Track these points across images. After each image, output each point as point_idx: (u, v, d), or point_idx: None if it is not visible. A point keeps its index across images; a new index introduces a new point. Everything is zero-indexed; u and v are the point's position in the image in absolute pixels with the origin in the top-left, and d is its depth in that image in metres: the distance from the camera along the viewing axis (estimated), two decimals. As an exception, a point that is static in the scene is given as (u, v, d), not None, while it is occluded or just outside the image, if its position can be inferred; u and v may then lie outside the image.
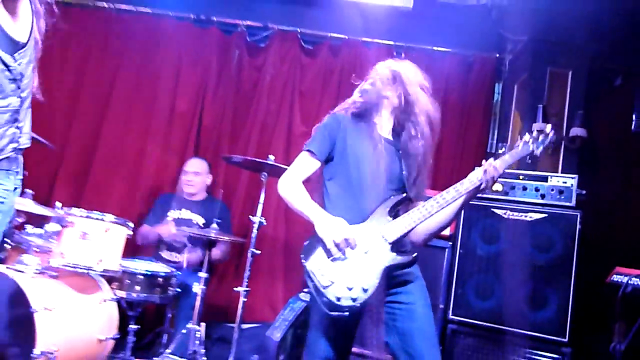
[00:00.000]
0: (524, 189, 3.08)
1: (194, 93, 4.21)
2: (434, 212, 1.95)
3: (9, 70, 1.51)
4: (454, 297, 3.11)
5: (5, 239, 3.00)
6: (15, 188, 1.68)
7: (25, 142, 1.66)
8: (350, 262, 1.88)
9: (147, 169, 4.09)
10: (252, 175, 3.80)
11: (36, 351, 2.38)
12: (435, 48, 4.09)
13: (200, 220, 3.68)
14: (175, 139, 4.14)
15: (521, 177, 3.10)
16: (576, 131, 3.29)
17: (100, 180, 4.07)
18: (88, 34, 4.30)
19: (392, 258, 1.91)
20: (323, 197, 2.10)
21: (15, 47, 1.52)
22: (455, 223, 3.23)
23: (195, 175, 3.74)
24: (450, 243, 3.23)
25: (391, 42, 4.12)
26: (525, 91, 3.64)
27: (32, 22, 1.59)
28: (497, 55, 3.97)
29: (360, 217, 1.97)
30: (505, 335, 2.89)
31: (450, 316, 3.09)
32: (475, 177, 1.99)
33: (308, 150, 2.07)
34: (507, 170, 2.88)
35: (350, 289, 1.85)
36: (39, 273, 2.69)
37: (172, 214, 3.68)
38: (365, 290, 1.85)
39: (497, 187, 3.14)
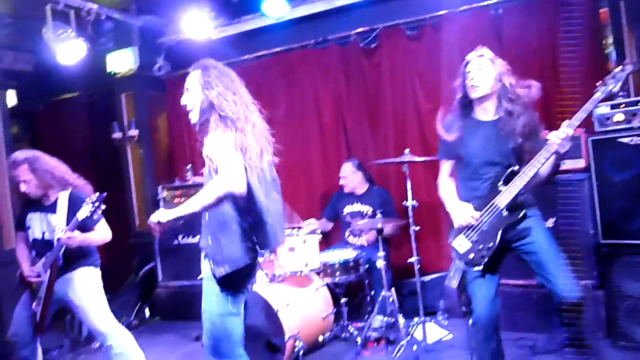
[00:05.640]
0: (644, 112, 3.00)
1: (333, 104, 4.75)
2: (528, 179, 2.30)
3: None
4: (602, 223, 3.19)
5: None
6: None
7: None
8: (477, 232, 2.38)
9: (315, 174, 4.79)
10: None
11: (286, 336, 3.22)
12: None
13: (369, 210, 4.25)
14: (329, 146, 4.76)
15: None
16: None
17: (287, 190, 4.87)
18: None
19: (507, 219, 2.35)
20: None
21: None
22: (586, 156, 3.29)
23: (344, 179, 4.32)
24: (587, 174, 3.30)
25: (484, 3, 4.10)
26: (630, 4, 3.42)
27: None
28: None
29: (480, 194, 2.42)
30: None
31: (602, 240, 3.20)
32: (547, 151, 2.25)
33: (439, 159, 2.64)
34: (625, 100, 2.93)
35: (480, 250, 2.36)
36: (270, 281, 3.54)
37: (347, 209, 4.33)
38: (490, 248, 2.34)
39: (619, 117, 3.11)
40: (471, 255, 2.38)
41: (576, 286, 2.30)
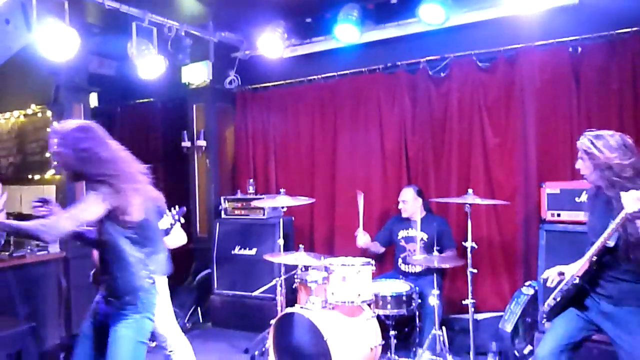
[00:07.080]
0: None
1: (397, 130, 4.72)
2: (595, 249, 2.33)
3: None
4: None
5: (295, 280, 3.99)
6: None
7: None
8: (558, 292, 2.53)
9: (374, 197, 4.76)
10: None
11: (334, 366, 3.24)
12: (616, 32, 3.76)
13: (424, 236, 4.19)
14: (390, 171, 4.74)
15: None
16: None
17: (344, 213, 4.88)
18: (309, 102, 5.18)
19: (571, 287, 2.47)
20: None
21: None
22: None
23: (404, 203, 4.27)
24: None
25: (565, 39, 3.94)
26: None
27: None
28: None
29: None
30: None
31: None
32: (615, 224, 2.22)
33: None
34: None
35: (551, 306, 2.55)
36: (322, 308, 3.58)
37: (401, 233, 4.30)
38: (553, 306, 2.55)
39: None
40: (545, 308, 2.60)
41: None
